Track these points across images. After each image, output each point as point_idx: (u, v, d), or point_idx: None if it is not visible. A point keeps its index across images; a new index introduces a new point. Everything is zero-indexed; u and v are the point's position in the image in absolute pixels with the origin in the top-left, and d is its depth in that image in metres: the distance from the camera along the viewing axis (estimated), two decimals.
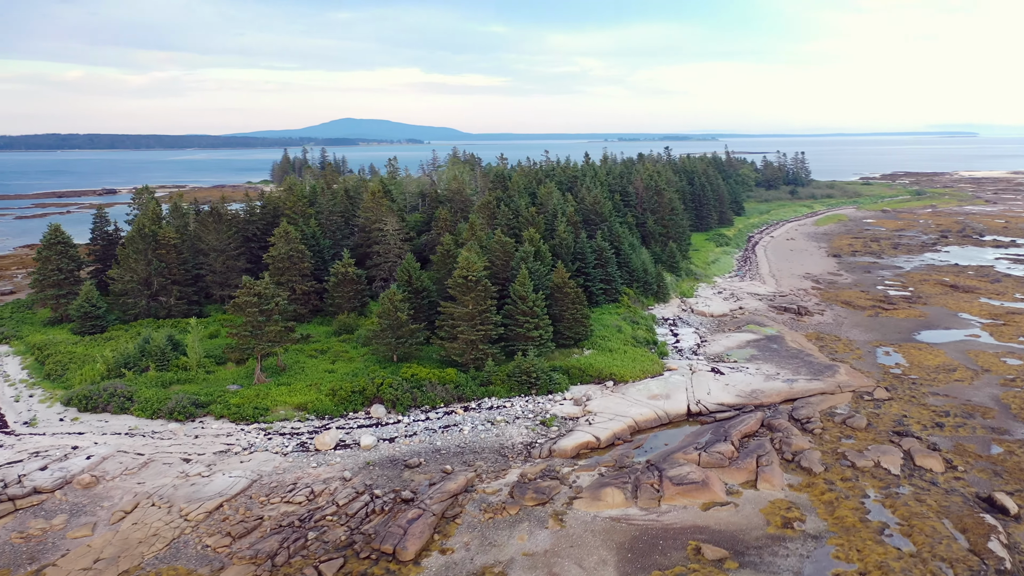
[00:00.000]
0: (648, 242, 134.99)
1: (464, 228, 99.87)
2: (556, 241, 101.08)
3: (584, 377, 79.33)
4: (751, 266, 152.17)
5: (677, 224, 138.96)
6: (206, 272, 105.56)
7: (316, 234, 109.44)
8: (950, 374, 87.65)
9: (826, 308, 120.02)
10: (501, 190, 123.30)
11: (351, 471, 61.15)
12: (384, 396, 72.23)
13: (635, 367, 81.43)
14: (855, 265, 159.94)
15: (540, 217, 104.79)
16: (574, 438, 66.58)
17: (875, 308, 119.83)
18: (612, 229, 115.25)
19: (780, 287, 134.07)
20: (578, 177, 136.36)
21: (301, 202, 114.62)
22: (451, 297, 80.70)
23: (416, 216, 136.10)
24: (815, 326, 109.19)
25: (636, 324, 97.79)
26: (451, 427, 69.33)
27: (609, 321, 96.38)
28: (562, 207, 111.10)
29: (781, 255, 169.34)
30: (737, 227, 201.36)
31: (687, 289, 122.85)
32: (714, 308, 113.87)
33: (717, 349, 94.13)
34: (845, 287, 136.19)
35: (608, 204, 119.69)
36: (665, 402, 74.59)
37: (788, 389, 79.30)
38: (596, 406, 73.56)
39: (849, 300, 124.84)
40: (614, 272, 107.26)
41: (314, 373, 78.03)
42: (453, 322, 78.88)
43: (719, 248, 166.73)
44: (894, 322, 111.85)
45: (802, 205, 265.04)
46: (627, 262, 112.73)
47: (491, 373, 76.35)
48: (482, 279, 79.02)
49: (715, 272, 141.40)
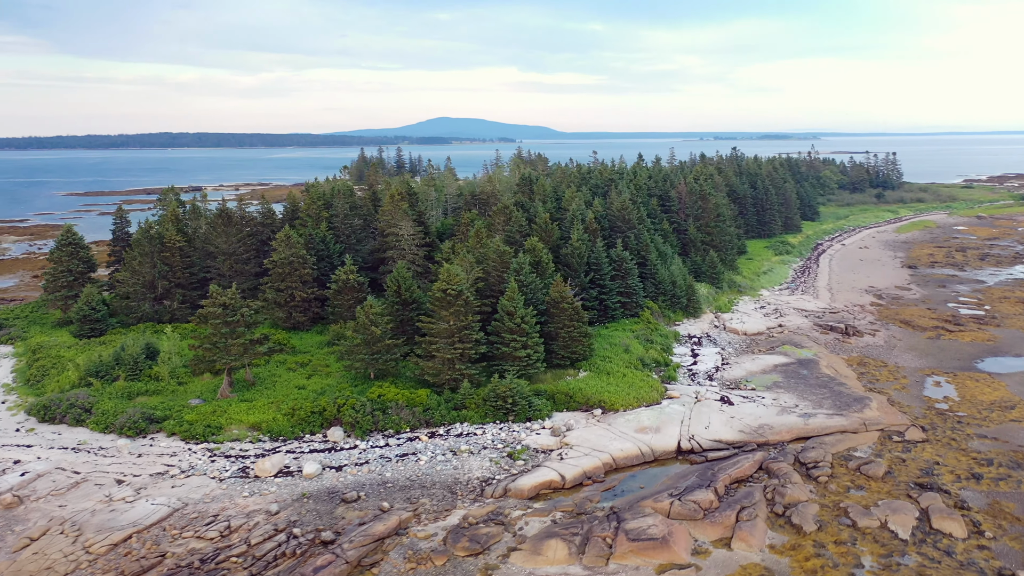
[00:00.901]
0: (688, 251, 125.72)
1: (472, 234, 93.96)
2: (568, 251, 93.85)
3: (570, 403, 72.15)
4: (808, 278, 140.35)
5: (723, 231, 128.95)
6: (213, 276, 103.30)
7: (327, 238, 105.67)
8: (1006, 412, 76.04)
9: (880, 328, 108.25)
10: (526, 194, 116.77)
11: (281, 503, 56.20)
12: (344, 418, 67.13)
13: (630, 393, 73.64)
14: (930, 278, 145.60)
15: (554, 224, 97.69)
16: (536, 476, 59.68)
17: (938, 329, 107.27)
18: (640, 237, 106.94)
19: (834, 302, 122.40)
20: (614, 180, 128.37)
21: (315, 205, 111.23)
22: (432, 312, 74.88)
23: (450, 220, 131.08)
24: (861, 349, 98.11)
25: (650, 343, 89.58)
26: (408, 456, 63.55)
27: (619, 339, 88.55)
28: (581, 213, 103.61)
29: (847, 265, 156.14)
30: (805, 233, 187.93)
31: (725, 303, 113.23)
32: (749, 325, 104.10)
33: (737, 373, 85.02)
34: (910, 303, 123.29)
35: (637, 210, 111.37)
36: (653, 436, 66.63)
37: (802, 425, 69.90)
38: (575, 437, 66.33)
39: (909, 319, 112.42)
40: (635, 284, 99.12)
41: (283, 389, 73.73)
42: (431, 339, 73.11)
43: (777, 257, 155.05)
44: (956, 346, 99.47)
45: (886, 210, 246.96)
46: (653, 273, 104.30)
47: (466, 396, 70.20)
48: (463, 292, 72.93)
49: (764, 284, 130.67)
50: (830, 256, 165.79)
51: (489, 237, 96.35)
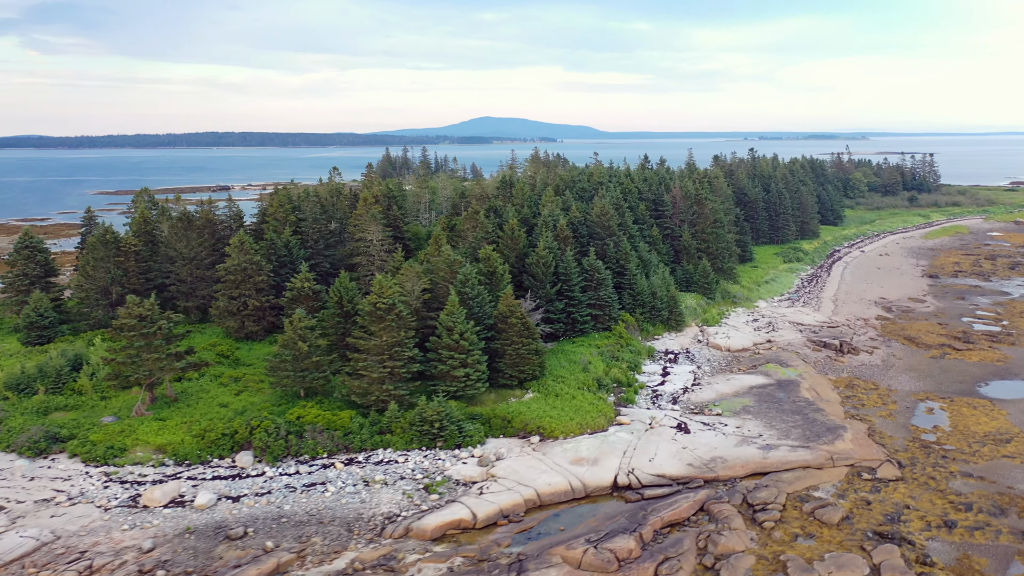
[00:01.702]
0: (681, 259, 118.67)
1: (431, 241, 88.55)
2: (534, 260, 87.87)
3: (507, 429, 66.25)
4: (814, 288, 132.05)
5: (719, 238, 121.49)
6: (172, 281, 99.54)
7: (290, 244, 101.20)
8: (1000, 446, 68.17)
9: (880, 345, 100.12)
10: (505, 198, 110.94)
11: (159, 539, 51.37)
12: (255, 442, 62.20)
13: (574, 419, 67.47)
14: (949, 289, 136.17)
15: (523, 231, 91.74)
16: (444, 514, 53.96)
17: (944, 347, 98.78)
18: (619, 245, 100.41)
19: (835, 316, 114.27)
20: (603, 183, 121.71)
21: (282, 209, 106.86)
22: (364, 327, 69.56)
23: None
24: (854, 368, 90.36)
25: (615, 360, 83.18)
26: (316, 486, 58.35)
27: (582, 355, 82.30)
28: (553, 219, 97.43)
29: (862, 274, 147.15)
30: (823, 239, 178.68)
31: (714, 316, 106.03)
32: (734, 341, 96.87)
33: (706, 396, 78.19)
34: (920, 317, 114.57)
35: (619, 216, 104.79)
36: (589, 469, 60.42)
37: (760, 459, 63.01)
38: (503, 468, 60.46)
39: (915, 335, 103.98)
40: (609, 295, 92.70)
41: (204, 407, 69.11)
42: (359, 356, 67.86)
43: (785, 265, 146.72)
44: (960, 367, 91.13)
45: (917, 214, 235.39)
46: (632, 284, 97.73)
47: (392, 419, 64.78)
48: (395, 306, 67.56)
49: (764, 294, 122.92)
50: (845, 264, 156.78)
51: (456, 244, 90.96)
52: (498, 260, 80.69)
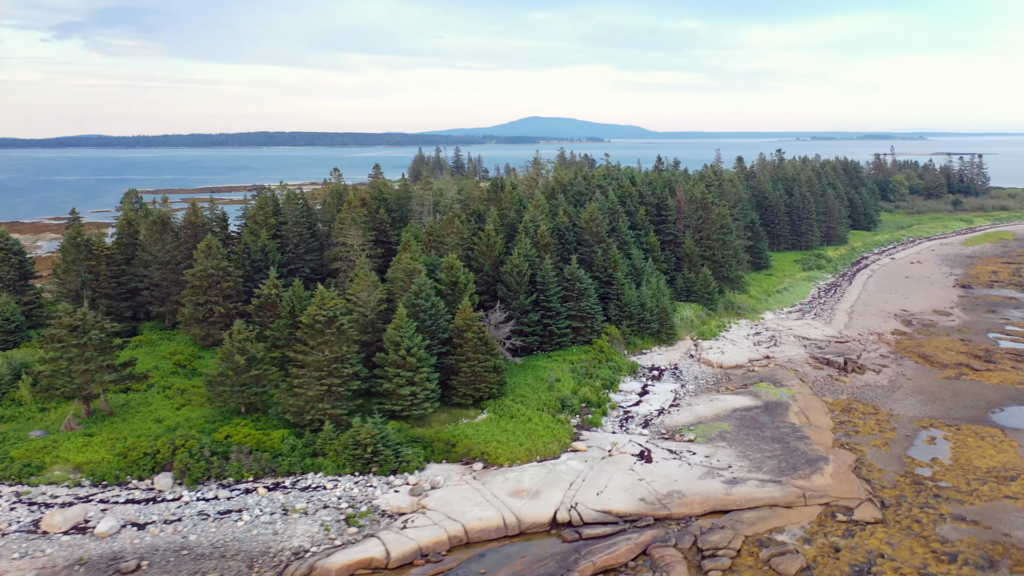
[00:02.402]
0: (682, 267, 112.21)
1: (401, 247, 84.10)
2: (508, 268, 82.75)
3: (451, 453, 61.33)
4: (830, 298, 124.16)
5: (726, 245, 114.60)
6: (146, 286, 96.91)
7: (267, 248, 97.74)
8: (1003, 484, 61.00)
9: (891, 363, 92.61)
10: (495, 202, 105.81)
11: (47, 571, 47.74)
12: (176, 463, 58.37)
13: (525, 444, 62.22)
14: (981, 301, 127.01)
15: (499, 238, 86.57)
16: (354, 552, 49.28)
17: (961, 367, 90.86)
18: (608, 253, 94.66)
19: (847, 329, 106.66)
20: (602, 187, 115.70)
21: (261, 212, 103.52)
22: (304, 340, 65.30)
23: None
24: (856, 389, 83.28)
25: (589, 377, 77.62)
26: (232, 513, 54.24)
27: (552, 372, 76.99)
28: (534, 225, 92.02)
29: (886, 284, 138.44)
30: (852, 245, 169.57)
31: (711, 328, 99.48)
32: (728, 357, 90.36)
33: (683, 419, 72.16)
34: (941, 332, 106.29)
35: (610, 221, 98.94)
36: (528, 502, 55.15)
37: (722, 495, 56.98)
38: (436, 499, 55.58)
39: (931, 353, 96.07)
40: (592, 306, 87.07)
41: (138, 422, 65.63)
42: (297, 371, 63.66)
43: (804, 273, 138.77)
44: (976, 390, 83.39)
45: (960, 219, 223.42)
46: (619, 294, 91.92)
47: (326, 441, 60.40)
48: (337, 318, 63.20)
49: (773, 305, 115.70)
50: (871, 272, 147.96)
51: (429, 251, 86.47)
52: (461, 269, 75.78)
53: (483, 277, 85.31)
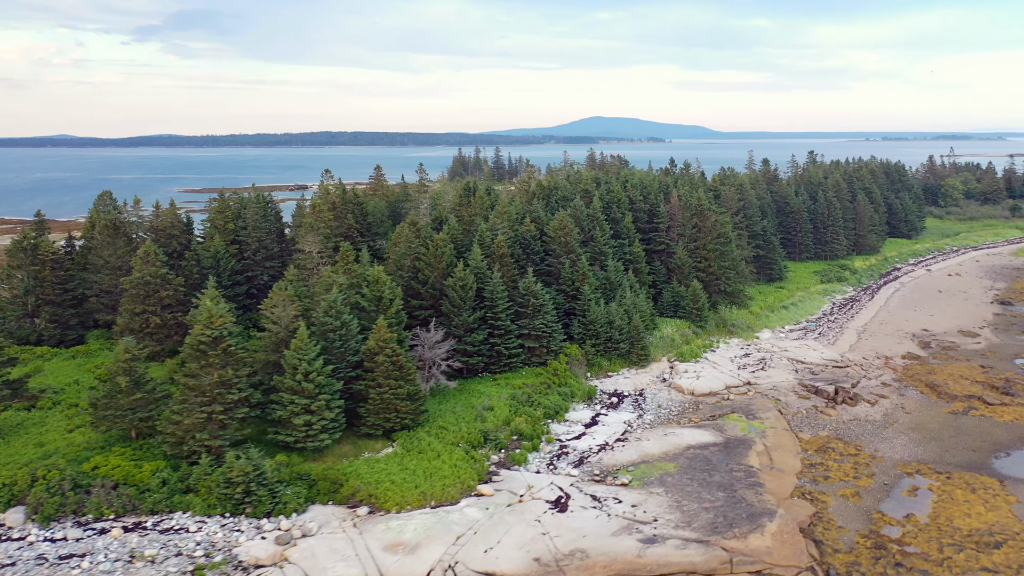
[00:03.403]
0: (672, 279, 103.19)
1: (339, 256, 77.87)
2: (452, 283, 75.59)
3: (337, 494, 54.57)
4: (843, 314, 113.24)
5: (724, 255, 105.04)
6: (94, 292, 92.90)
7: (220, 254, 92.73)
8: (984, 552, 51.44)
9: (892, 392, 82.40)
10: (465, 207, 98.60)
11: None
12: (30, 497, 53.05)
13: (423, 485, 55.04)
14: (1018, 320, 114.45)
15: (448, 247, 79.39)
16: None
17: (971, 399, 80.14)
18: (577, 264, 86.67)
19: (852, 351, 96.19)
20: (588, 191, 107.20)
21: (220, 217, 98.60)
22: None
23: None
24: (841, 424, 73.62)
25: (530, 405, 69.96)
26: (74, 558, 48.57)
27: (484, 398, 69.58)
28: (492, 234, 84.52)
29: (913, 299, 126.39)
30: (885, 255, 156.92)
31: (694, 349, 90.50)
32: (703, 382, 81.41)
33: (625, 457, 63.90)
34: (960, 357, 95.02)
35: (578, 231, 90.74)
36: (401, 559, 47.92)
37: (632, 557, 48.80)
38: (301, 551, 48.86)
39: (940, 381, 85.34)
40: (549, 324, 79.27)
41: (17, 446, 60.62)
42: (180, 396, 57.81)
43: (821, 286, 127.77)
44: (983, 428, 72.91)
45: (1015, 226, 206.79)
46: (585, 310, 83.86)
47: (200, 477, 54.34)
48: (223, 338, 57.16)
49: (773, 322, 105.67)
50: (899, 286, 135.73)
51: (373, 263, 79.98)
52: (387, 283, 68.94)
53: (429, 291, 78.43)
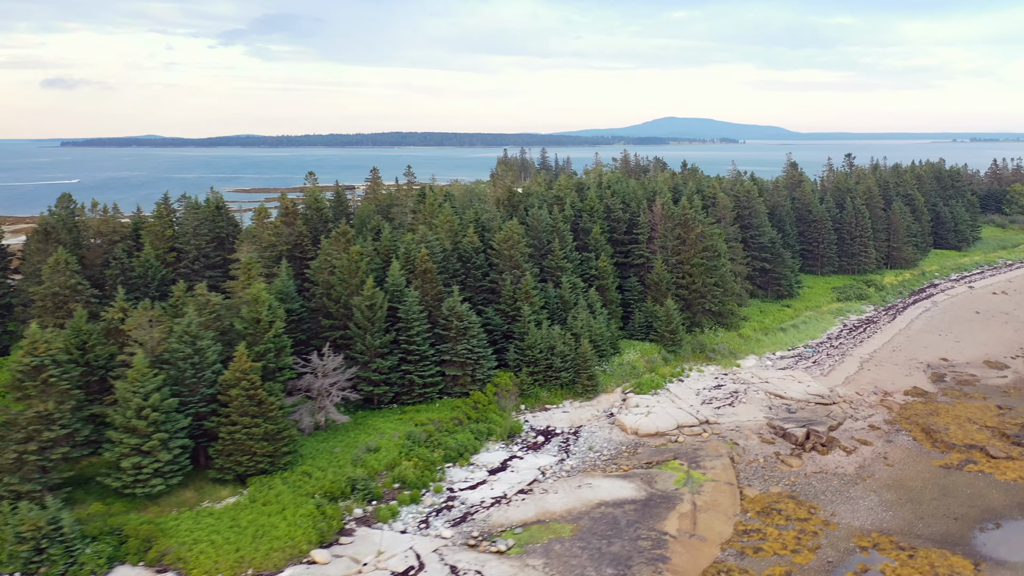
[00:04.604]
0: (647, 296, 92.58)
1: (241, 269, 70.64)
2: (357, 302, 67.28)
3: (146, 555, 46.86)
4: (852, 339, 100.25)
5: (710, 271, 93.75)
6: (22, 301, 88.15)
7: (150, 263, 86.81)
8: None
9: (879, 438, 70.49)
10: (419, 218, 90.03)
11: None
12: None
13: (244, 548, 46.78)
14: None
15: (363, 261, 71.10)
16: None
17: (972, 450, 67.65)
18: (520, 282, 77.33)
19: (847, 385, 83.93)
20: (561, 196, 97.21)
21: (159, 222, 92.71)
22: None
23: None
24: (802, 478, 62.44)
25: (429, 445, 61.09)
26: None
27: (374, 436, 61.05)
28: (418, 246, 75.76)
29: (941, 322, 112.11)
30: (921, 269, 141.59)
31: (656, 378, 79.91)
32: (652, 420, 70.95)
33: (518, 514, 54.39)
34: (976, 394, 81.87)
35: (524, 245, 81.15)
36: None
37: None
38: None
39: (941, 426, 72.79)
40: (471, 350, 70.20)
41: None
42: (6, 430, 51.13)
43: (836, 304, 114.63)
44: (977, 488, 60.84)
45: None
46: (524, 334, 74.48)
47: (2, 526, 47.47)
48: (46, 367, 50.26)
49: (764, 347, 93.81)
50: (930, 305, 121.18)
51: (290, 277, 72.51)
52: (268, 303, 61.08)
53: (340, 310, 70.40)
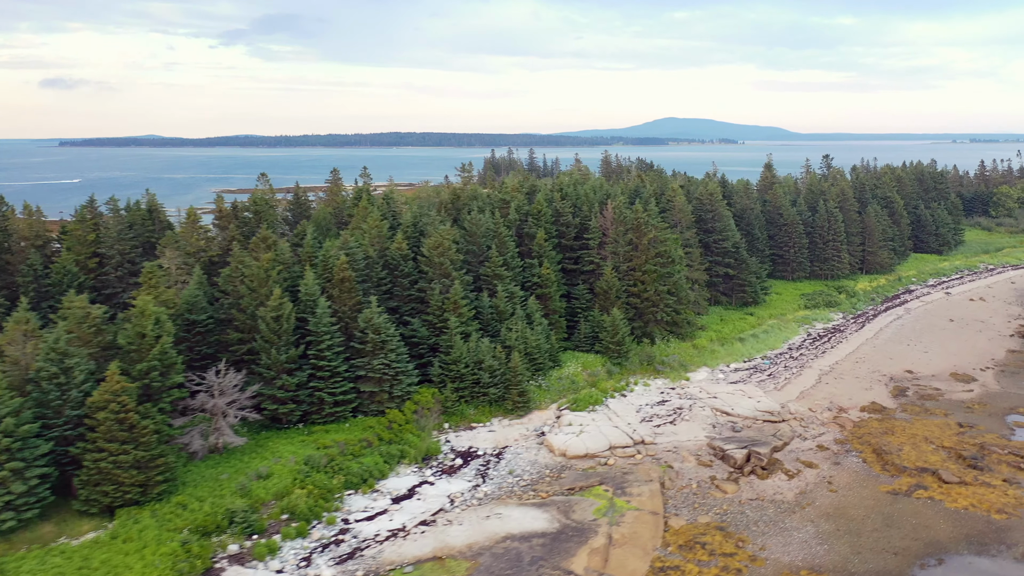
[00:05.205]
0: (595, 305, 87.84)
1: (143, 277, 65.92)
2: (263, 313, 62.60)
3: None
4: (814, 349, 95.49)
5: (663, 279, 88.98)
6: None
7: (66, 270, 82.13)
8: None
9: (826, 460, 65.80)
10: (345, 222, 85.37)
11: None
12: None
13: None
14: None
15: (274, 269, 66.49)
16: None
17: (924, 474, 62.98)
18: (448, 291, 72.64)
19: (801, 400, 79.18)
20: (507, 199, 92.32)
21: (81, 227, 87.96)
22: None
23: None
24: (735, 506, 57.73)
25: (329, 471, 56.37)
26: None
27: (264, 461, 56.36)
28: (339, 252, 71.05)
29: (912, 330, 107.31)
30: (898, 274, 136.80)
31: (595, 393, 75.12)
32: (582, 441, 66.19)
33: (414, 550, 49.64)
34: (938, 410, 77.13)
35: (457, 252, 76.45)
36: None
37: None
38: None
39: (894, 446, 68.05)
40: (389, 365, 65.47)
41: None
42: None
43: (804, 312, 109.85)
44: (924, 517, 56.23)
45: None
46: (450, 348, 69.78)
47: None
48: None
49: (719, 359, 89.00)
50: (902, 312, 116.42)
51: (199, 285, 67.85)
52: (155, 315, 56.39)
53: (247, 322, 65.72)
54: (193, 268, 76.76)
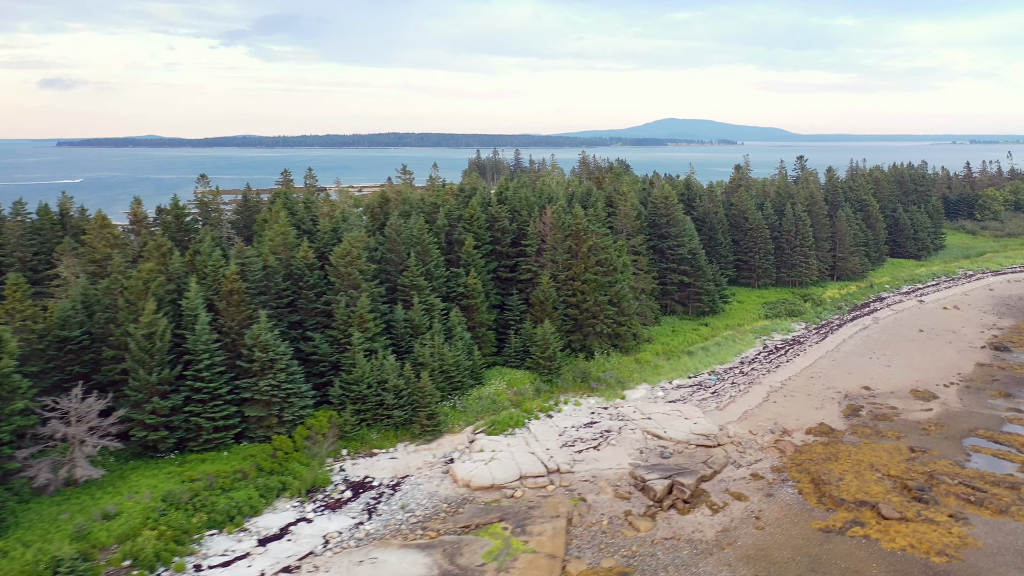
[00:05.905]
0: (529, 317, 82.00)
1: None
2: (135, 329, 56.80)
3: None
4: (768, 363, 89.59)
5: (604, 288, 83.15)
6: None
7: None
8: None
9: (758, 491, 59.97)
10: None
11: None
12: None
13: None
14: (1003, 376, 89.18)
15: (155, 280, 60.70)
16: None
17: (861, 509, 57.16)
18: (354, 304, 66.82)
19: (742, 421, 73.31)
20: (436, 205, 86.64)
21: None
22: None
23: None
24: (650, 545, 51.95)
25: (191, 508, 50.54)
26: None
27: (117, 497, 50.60)
28: (233, 262, 65.25)
29: (877, 342, 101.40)
30: (870, 281, 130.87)
31: (515, 415, 69.21)
32: (487, 470, 60.34)
33: None
34: (890, 432, 71.37)
35: (367, 262, 70.60)
36: None
37: None
38: None
39: (836, 476, 62.21)
40: (278, 386, 59.72)
41: None
42: None
43: (763, 322, 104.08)
44: (852, 561, 50.55)
45: None
46: (353, 366, 63.98)
47: None
48: None
49: (663, 374, 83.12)
50: (870, 322, 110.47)
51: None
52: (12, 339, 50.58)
53: (120, 340, 59.85)
54: (82, 279, 70.95)
